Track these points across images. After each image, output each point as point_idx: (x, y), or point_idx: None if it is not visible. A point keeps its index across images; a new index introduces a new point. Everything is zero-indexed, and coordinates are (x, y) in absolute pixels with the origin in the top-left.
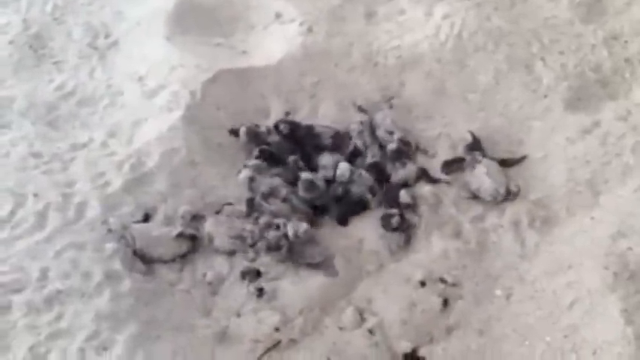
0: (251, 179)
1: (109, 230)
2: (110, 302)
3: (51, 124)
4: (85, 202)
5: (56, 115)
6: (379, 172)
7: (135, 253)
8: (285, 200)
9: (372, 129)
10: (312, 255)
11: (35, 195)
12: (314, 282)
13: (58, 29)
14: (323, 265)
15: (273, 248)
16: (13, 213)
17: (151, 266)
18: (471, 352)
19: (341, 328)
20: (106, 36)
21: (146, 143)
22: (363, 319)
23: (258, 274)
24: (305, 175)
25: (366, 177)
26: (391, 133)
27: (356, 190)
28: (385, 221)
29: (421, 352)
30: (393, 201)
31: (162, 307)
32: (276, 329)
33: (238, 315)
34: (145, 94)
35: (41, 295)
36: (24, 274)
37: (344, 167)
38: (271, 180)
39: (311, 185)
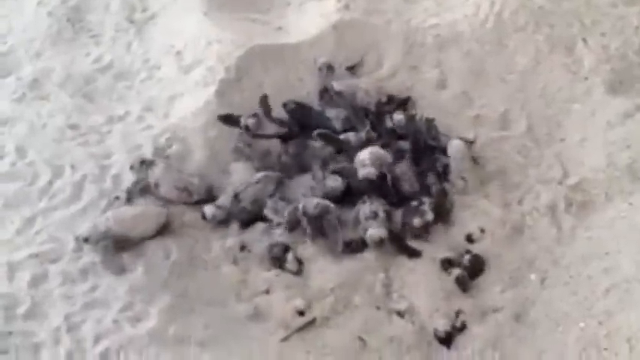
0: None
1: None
2: (144, 275)
3: (88, 97)
4: (121, 174)
5: (93, 87)
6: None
7: (117, 241)
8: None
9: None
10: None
11: (72, 166)
12: (344, 260)
13: (96, 2)
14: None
15: (292, 226)
16: (50, 184)
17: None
18: (504, 337)
19: (372, 307)
20: (143, 10)
21: (182, 117)
22: (393, 296)
23: (286, 249)
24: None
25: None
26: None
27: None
28: None
29: (455, 336)
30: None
31: (194, 280)
32: (305, 308)
33: (268, 292)
34: (181, 69)
35: (76, 266)
36: (60, 244)
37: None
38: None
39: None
